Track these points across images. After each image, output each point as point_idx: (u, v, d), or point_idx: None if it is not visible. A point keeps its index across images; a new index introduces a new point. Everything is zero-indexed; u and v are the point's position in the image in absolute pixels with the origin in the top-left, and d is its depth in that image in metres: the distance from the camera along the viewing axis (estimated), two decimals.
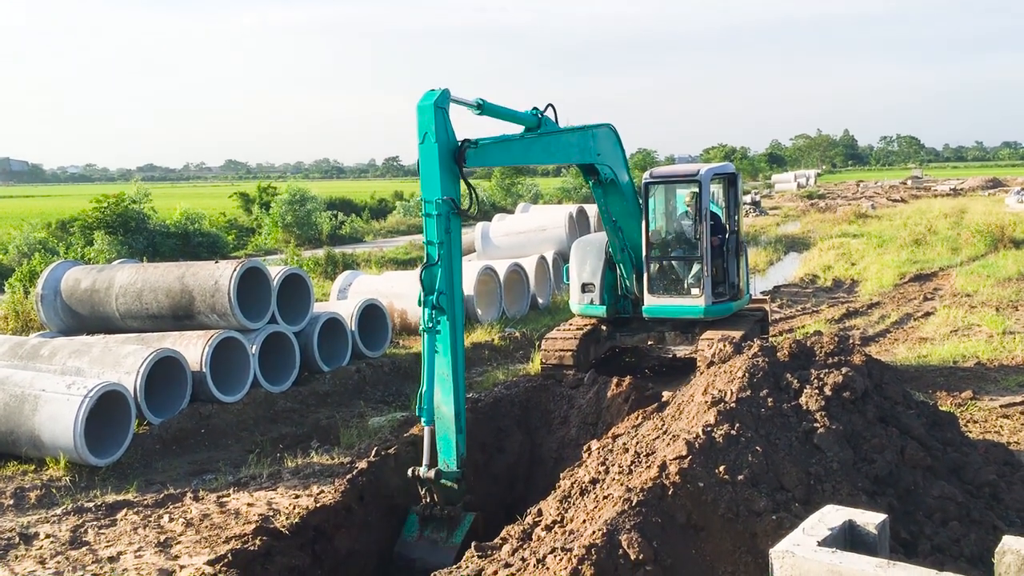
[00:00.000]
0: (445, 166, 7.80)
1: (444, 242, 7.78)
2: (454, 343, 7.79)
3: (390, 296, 16.58)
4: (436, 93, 7.80)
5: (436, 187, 7.79)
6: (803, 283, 22.43)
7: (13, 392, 10.06)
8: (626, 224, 12.01)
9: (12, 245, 27.40)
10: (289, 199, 36.69)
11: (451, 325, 7.78)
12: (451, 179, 7.88)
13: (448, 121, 7.88)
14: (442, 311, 7.74)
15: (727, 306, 12.23)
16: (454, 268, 7.88)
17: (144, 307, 12.68)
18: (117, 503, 8.63)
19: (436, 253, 7.76)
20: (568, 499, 6.20)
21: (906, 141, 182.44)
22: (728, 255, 12.29)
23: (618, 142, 11.50)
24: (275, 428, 11.50)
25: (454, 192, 7.90)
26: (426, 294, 7.75)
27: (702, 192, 11.84)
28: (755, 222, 41.96)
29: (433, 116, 7.70)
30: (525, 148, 9.63)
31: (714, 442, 5.60)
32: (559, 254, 20.96)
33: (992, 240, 25.88)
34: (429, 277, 7.77)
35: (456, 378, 7.77)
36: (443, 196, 7.76)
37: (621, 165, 11.58)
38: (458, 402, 7.74)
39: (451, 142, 7.89)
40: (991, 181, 74.29)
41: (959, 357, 12.71)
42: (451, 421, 7.73)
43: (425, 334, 7.73)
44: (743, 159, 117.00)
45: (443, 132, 7.80)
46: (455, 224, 7.91)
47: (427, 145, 7.79)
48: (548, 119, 10.05)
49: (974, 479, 6.06)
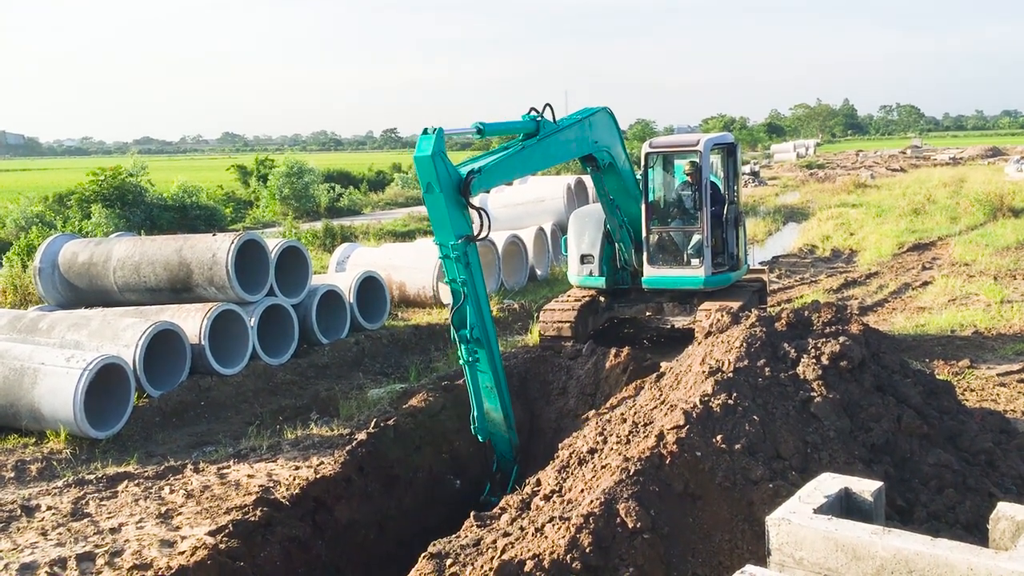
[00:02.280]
0: (453, 207, 7.86)
1: (466, 278, 7.92)
2: (492, 361, 8.16)
3: (388, 268, 16.56)
4: (431, 139, 7.70)
5: (449, 231, 7.85)
6: (802, 253, 22.42)
7: (12, 365, 10.07)
8: (624, 203, 11.97)
9: (9, 219, 27.32)
10: (287, 172, 36.53)
11: (488, 349, 8.10)
12: (460, 216, 7.94)
13: (447, 163, 7.87)
14: (479, 343, 8.02)
15: (726, 276, 12.21)
16: (480, 295, 8.08)
17: (142, 280, 12.67)
18: (118, 475, 8.67)
19: (461, 291, 7.95)
20: (566, 469, 6.23)
21: (906, 110, 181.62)
22: (727, 226, 12.25)
23: (614, 124, 11.43)
24: (274, 400, 11.54)
25: (466, 227, 7.97)
26: (459, 330, 8.00)
27: (702, 162, 11.79)
28: (754, 192, 41.85)
29: (433, 166, 7.66)
30: (525, 160, 9.50)
31: (711, 412, 5.62)
32: (557, 225, 20.93)
33: (991, 209, 25.83)
34: (459, 316, 8.01)
35: (500, 389, 8.26)
36: (457, 237, 7.84)
37: (618, 146, 11.52)
38: (505, 406, 8.39)
39: (454, 181, 7.89)
40: (991, 150, 74.05)
41: (957, 326, 12.74)
42: (502, 423, 8.46)
43: (466, 366, 8.10)
44: (742, 129, 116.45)
45: (445, 176, 7.79)
46: (472, 253, 8.03)
47: (433, 195, 7.80)
48: (546, 121, 9.89)
49: (970, 447, 6.09)
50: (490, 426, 8.40)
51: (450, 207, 7.81)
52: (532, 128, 9.69)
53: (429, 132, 7.72)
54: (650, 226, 12.14)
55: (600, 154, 11.08)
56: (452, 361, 13.00)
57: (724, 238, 12.25)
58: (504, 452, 8.70)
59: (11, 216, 27.47)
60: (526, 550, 5.00)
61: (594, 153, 10.97)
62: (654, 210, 12.23)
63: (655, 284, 12.27)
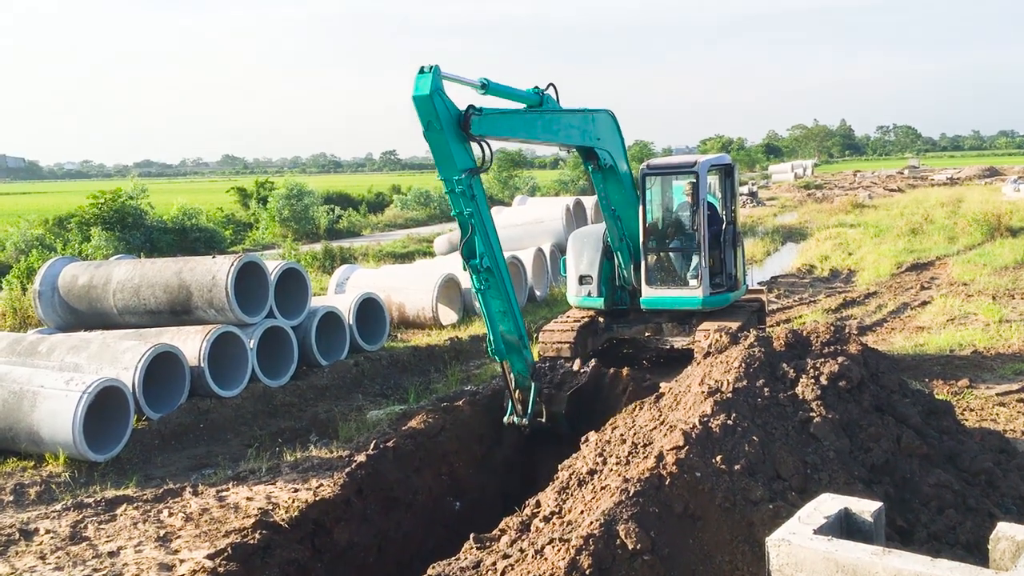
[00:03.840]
0: (455, 142, 8.07)
1: (473, 210, 8.24)
2: (504, 288, 8.60)
3: (388, 290, 16.59)
4: (428, 78, 7.83)
5: (453, 166, 8.11)
6: (800, 273, 22.45)
7: (12, 388, 10.07)
8: (624, 213, 12.03)
9: (9, 242, 27.38)
10: (286, 194, 36.65)
11: (498, 276, 8.53)
12: (463, 150, 8.20)
13: (446, 99, 8.02)
14: (489, 271, 8.43)
15: (724, 297, 12.23)
16: (487, 226, 8.42)
17: (142, 303, 12.68)
18: (116, 498, 8.65)
19: (468, 223, 8.30)
20: (566, 490, 6.22)
21: (903, 131, 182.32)
22: (725, 246, 12.29)
23: (617, 129, 11.53)
24: (274, 422, 11.52)
25: (469, 161, 8.25)
26: (469, 260, 8.42)
27: (699, 183, 11.86)
28: (752, 213, 41.96)
29: (432, 105, 7.82)
30: (528, 123, 9.75)
31: (711, 432, 5.62)
32: (556, 246, 20.97)
33: (989, 229, 25.89)
34: (468, 247, 8.40)
35: (513, 312, 8.76)
36: (461, 171, 8.10)
37: (620, 152, 11.60)
38: (519, 328, 8.88)
39: (454, 117, 8.07)
40: (988, 170, 74.29)
41: (956, 346, 12.74)
42: (517, 343, 8.92)
43: (479, 294, 8.62)
44: (740, 150, 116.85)
45: (445, 113, 7.97)
46: (477, 186, 8.34)
47: (434, 133, 7.98)
48: (549, 97, 10.30)
49: (970, 467, 6.08)
50: (505, 348, 8.84)
51: (452, 143, 8.03)
52: (535, 101, 10.02)
53: (425, 71, 7.87)
54: (648, 246, 12.18)
55: (601, 152, 11.21)
56: (452, 382, 13.00)
57: (722, 258, 12.28)
58: (521, 371, 9.06)
59: (11, 239, 27.52)
60: (526, 572, 4.99)
61: (595, 149, 11.11)
62: (652, 231, 12.27)
63: (653, 304, 12.29)
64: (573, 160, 64.66)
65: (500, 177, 56.12)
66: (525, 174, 62.39)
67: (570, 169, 63.36)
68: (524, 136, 9.75)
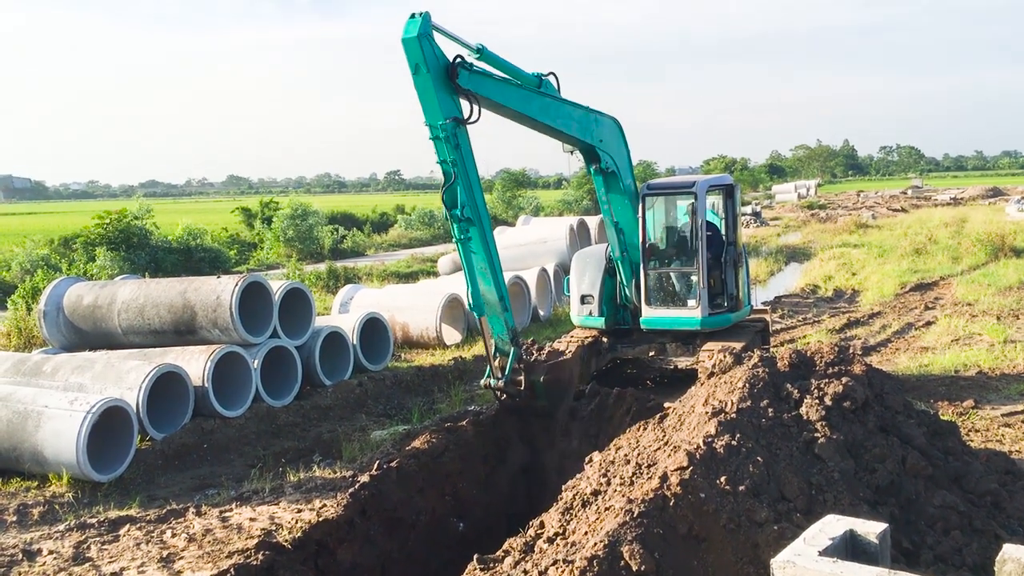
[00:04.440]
0: (441, 88, 8.28)
1: (456, 159, 8.40)
2: (485, 242, 8.69)
3: (392, 309, 16.60)
4: (417, 22, 8.07)
5: (437, 111, 8.30)
6: (804, 293, 22.43)
7: (16, 409, 10.08)
8: (627, 226, 12.08)
9: (15, 262, 27.47)
10: (291, 214, 36.78)
11: (479, 228, 8.61)
12: (449, 98, 8.39)
13: (435, 45, 8.27)
14: (470, 221, 8.54)
15: (725, 317, 12.22)
16: (471, 178, 8.58)
17: (146, 323, 12.71)
18: (120, 519, 8.63)
19: (451, 171, 8.44)
20: (570, 511, 6.20)
21: (906, 151, 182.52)
22: (726, 266, 12.29)
23: (623, 139, 11.61)
24: (277, 442, 11.51)
25: (455, 110, 8.42)
26: (450, 209, 8.52)
27: (698, 204, 11.88)
28: (756, 233, 41.99)
29: (420, 48, 8.07)
30: (523, 97, 9.89)
31: (715, 453, 5.61)
32: (560, 266, 21.00)
33: (993, 249, 25.89)
34: (451, 194, 8.51)
35: (494, 270, 8.79)
36: (445, 118, 8.29)
37: (625, 163, 11.66)
38: (499, 288, 8.94)
39: (442, 63, 8.29)
40: (991, 190, 74.36)
41: (960, 366, 12.71)
42: (497, 304, 8.98)
43: (459, 244, 8.65)
44: (743, 170, 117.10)
45: (433, 58, 8.19)
46: (463, 138, 8.49)
47: (420, 76, 8.20)
48: (549, 83, 10.50)
49: (976, 488, 6.06)
50: (486, 308, 8.92)
51: (437, 89, 8.22)
52: (534, 83, 10.23)
53: (416, 16, 8.12)
54: (648, 266, 12.20)
55: (603, 155, 11.28)
56: (455, 402, 12.98)
57: (723, 279, 12.27)
58: (500, 333, 9.10)
59: (16, 259, 27.61)
60: None
61: (596, 149, 11.18)
62: (652, 251, 12.30)
63: (653, 324, 12.29)
64: (576, 180, 64.87)
65: (504, 197, 56.27)
66: (529, 194, 62.53)
67: (574, 189, 63.50)
68: (518, 109, 9.82)
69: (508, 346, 9.15)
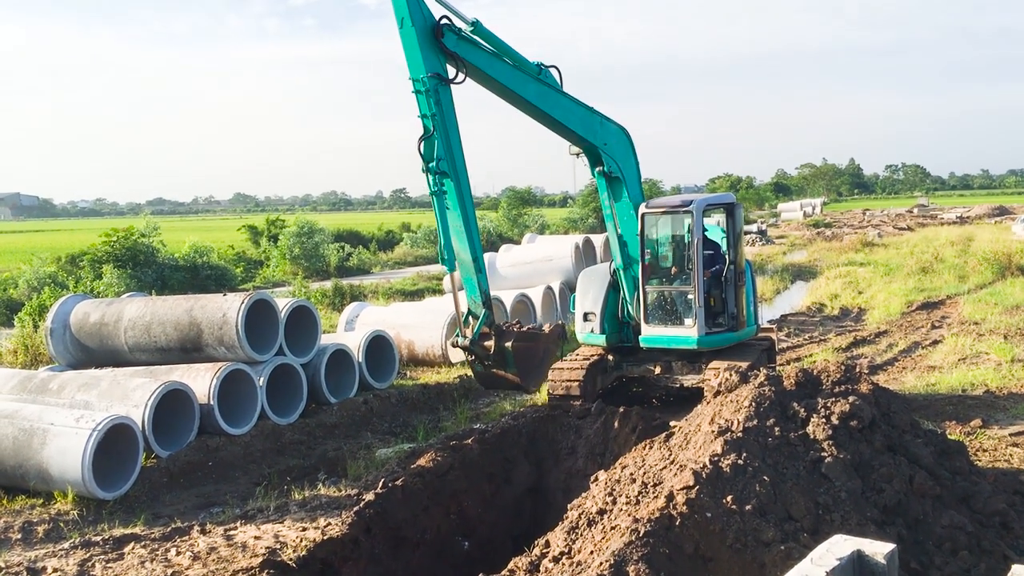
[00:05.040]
0: (426, 44, 8.77)
1: (436, 113, 8.82)
2: (462, 200, 8.98)
3: (397, 327, 16.61)
4: None
5: (420, 65, 8.79)
6: (810, 312, 22.40)
7: (22, 426, 10.09)
8: (631, 239, 12.11)
9: (22, 279, 27.55)
10: (297, 231, 36.88)
11: (456, 185, 8.95)
12: (433, 55, 8.89)
13: (422, 3, 8.81)
14: (444, 175, 8.89)
15: (724, 337, 12.14)
16: (450, 135, 8.94)
17: (153, 340, 12.73)
18: (124, 536, 8.61)
19: (431, 124, 8.83)
20: (576, 530, 6.17)
21: (912, 169, 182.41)
22: (726, 285, 12.24)
23: (631, 148, 11.66)
24: (282, 460, 11.49)
25: (438, 67, 8.90)
26: (427, 162, 8.88)
27: (694, 223, 11.89)
28: (761, 251, 41.97)
29: (407, 7, 8.64)
30: (516, 77, 10.23)
31: (721, 472, 5.59)
32: (566, 284, 21.00)
33: (999, 268, 25.84)
34: (428, 147, 8.89)
35: (469, 229, 9.04)
36: (427, 72, 8.78)
37: (632, 172, 11.69)
38: (474, 248, 9.18)
39: (428, 21, 8.83)
40: (997, 209, 74.35)
41: (968, 385, 12.66)
42: (471, 265, 9.29)
43: (434, 197, 8.93)
44: (749, 188, 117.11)
45: (419, 13, 8.75)
46: (445, 96, 8.94)
47: (405, 29, 8.73)
48: (549, 73, 10.79)
49: (984, 508, 6.03)
50: (460, 269, 9.16)
51: (421, 45, 8.73)
52: (534, 69, 10.56)
53: None
54: (647, 285, 12.22)
55: (608, 160, 11.33)
56: (461, 420, 12.96)
57: (723, 298, 12.22)
58: (473, 295, 9.27)
59: (24, 277, 27.69)
60: None
61: (600, 152, 11.23)
62: (651, 269, 12.32)
63: (652, 343, 12.30)
64: (582, 199, 64.92)
65: (509, 215, 56.36)
66: (534, 212, 62.62)
67: (579, 207, 63.56)
68: (511, 87, 10.18)
69: (480, 308, 9.36)
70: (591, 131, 11.10)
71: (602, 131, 11.27)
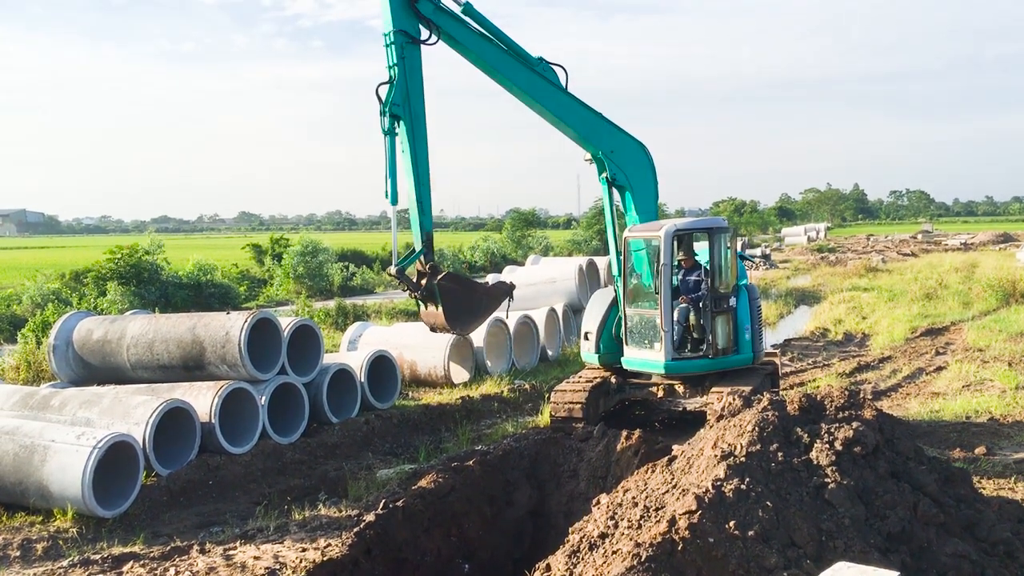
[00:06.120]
0: (397, 4, 9.85)
1: (398, 65, 9.85)
2: (414, 144, 9.91)
3: (400, 347, 16.60)
4: None
5: (389, 21, 9.83)
6: (814, 336, 22.36)
7: (23, 443, 10.07)
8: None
9: (26, 296, 27.57)
10: (301, 250, 36.95)
11: (409, 129, 9.86)
12: (404, 14, 9.92)
13: None
14: (397, 118, 9.82)
15: (695, 364, 12.10)
16: (411, 88, 9.89)
17: (155, 358, 12.73)
18: (123, 555, 8.57)
19: (391, 73, 9.85)
20: (577, 554, 6.14)
21: (916, 195, 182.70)
22: (703, 312, 12.15)
23: (646, 165, 11.77)
24: (283, 480, 11.45)
25: (407, 25, 9.94)
26: (383, 105, 9.80)
27: (663, 249, 11.87)
28: (765, 275, 41.98)
29: None
30: (507, 63, 10.89)
31: (724, 497, 5.56)
32: (569, 306, 20.99)
33: (1004, 295, 25.80)
34: (388, 93, 9.81)
35: (417, 172, 9.91)
36: (395, 28, 9.84)
37: (644, 189, 11.82)
38: (419, 190, 9.96)
39: None
40: (1001, 236, 74.29)
41: (972, 412, 12.61)
42: (415, 205, 9.99)
43: (386, 136, 9.88)
44: (753, 212, 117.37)
45: None
46: (410, 53, 9.98)
47: None
48: (550, 69, 11.21)
49: (988, 536, 5.98)
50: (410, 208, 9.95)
51: (393, 4, 9.80)
52: (531, 61, 11.01)
53: None
54: (628, 308, 12.36)
55: (612, 168, 11.47)
56: (462, 442, 12.93)
57: (700, 324, 12.19)
58: (416, 234, 10.13)
59: (27, 293, 27.72)
60: None
61: (604, 158, 11.59)
62: (633, 293, 12.42)
63: (631, 365, 12.48)
64: (586, 221, 65.10)
65: (513, 236, 56.50)
66: (539, 233, 62.78)
67: (583, 229, 63.69)
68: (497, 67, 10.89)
69: (419, 245, 10.20)
70: (594, 135, 11.41)
71: (609, 139, 11.47)
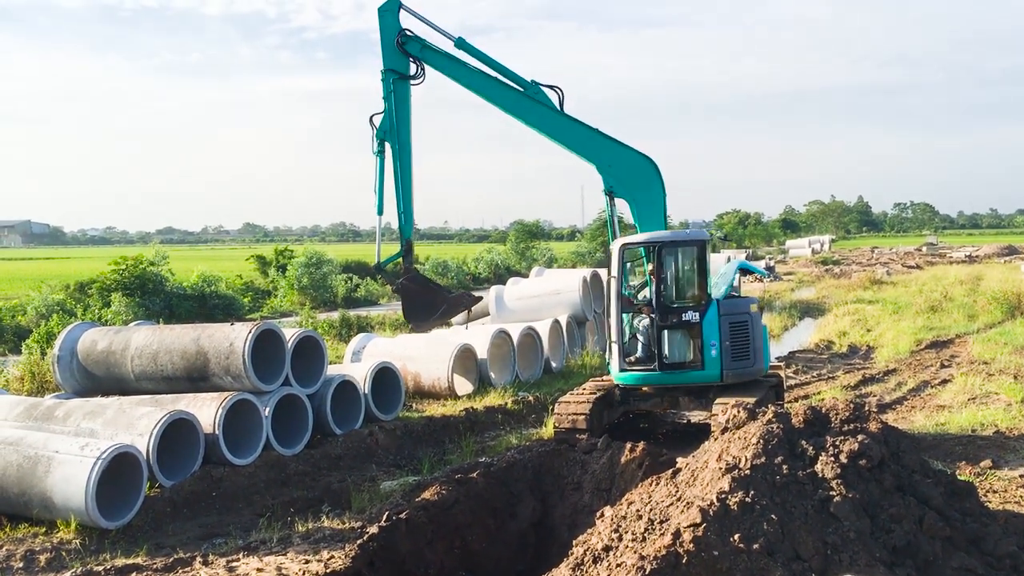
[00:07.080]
0: (388, 46, 12.21)
1: (387, 97, 12.27)
2: (399, 167, 12.40)
3: (404, 359, 16.59)
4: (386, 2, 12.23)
5: (384, 61, 12.26)
6: (818, 349, 22.32)
7: (27, 453, 10.07)
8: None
9: (31, 306, 27.64)
10: (305, 262, 37.03)
11: (396, 153, 12.28)
12: (395, 55, 12.27)
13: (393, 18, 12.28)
14: (383, 144, 12.29)
15: (641, 376, 12.26)
16: (398, 118, 12.28)
17: (159, 369, 12.73)
18: (127, 567, 8.56)
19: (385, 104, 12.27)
20: (581, 566, 6.12)
21: (920, 208, 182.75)
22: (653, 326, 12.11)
23: (654, 178, 11.97)
24: (286, 491, 11.43)
25: (396, 64, 12.30)
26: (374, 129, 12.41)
27: (613, 261, 12.21)
28: (769, 287, 41.94)
29: (380, 19, 12.34)
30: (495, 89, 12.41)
31: (728, 510, 5.54)
32: (573, 318, 20.96)
33: (1009, 307, 25.74)
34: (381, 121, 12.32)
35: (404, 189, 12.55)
36: (385, 67, 12.27)
37: (649, 203, 12.01)
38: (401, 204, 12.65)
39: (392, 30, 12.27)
40: (1006, 248, 74.16)
41: (978, 425, 12.56)
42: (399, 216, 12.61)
43: (376, 156, 12.40)
44: (757, 224, 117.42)
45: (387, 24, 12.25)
46: (400, 88, 12.32)
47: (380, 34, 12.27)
48: (541, 92, 12.38)
49: (994, 550, 5.96)
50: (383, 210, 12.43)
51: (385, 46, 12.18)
52: (523, 86, 12.36)
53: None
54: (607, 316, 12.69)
55: (611, 181, 11.82)
56: (466, 454, 12.91)
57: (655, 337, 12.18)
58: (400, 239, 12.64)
59: (32, 304, 27.80)
60: None
61: (602, 172, 12.14)
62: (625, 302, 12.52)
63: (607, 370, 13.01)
64: (590, 232, 65.16)
65: (517, 248, 56.57)
66: (543, 245, 62.87)
67: (587, 241, 63.77)
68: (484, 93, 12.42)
69: (401, 249, 12.68)
70: (590, 150, 12.07)
71: (606, 153, 11.85)
